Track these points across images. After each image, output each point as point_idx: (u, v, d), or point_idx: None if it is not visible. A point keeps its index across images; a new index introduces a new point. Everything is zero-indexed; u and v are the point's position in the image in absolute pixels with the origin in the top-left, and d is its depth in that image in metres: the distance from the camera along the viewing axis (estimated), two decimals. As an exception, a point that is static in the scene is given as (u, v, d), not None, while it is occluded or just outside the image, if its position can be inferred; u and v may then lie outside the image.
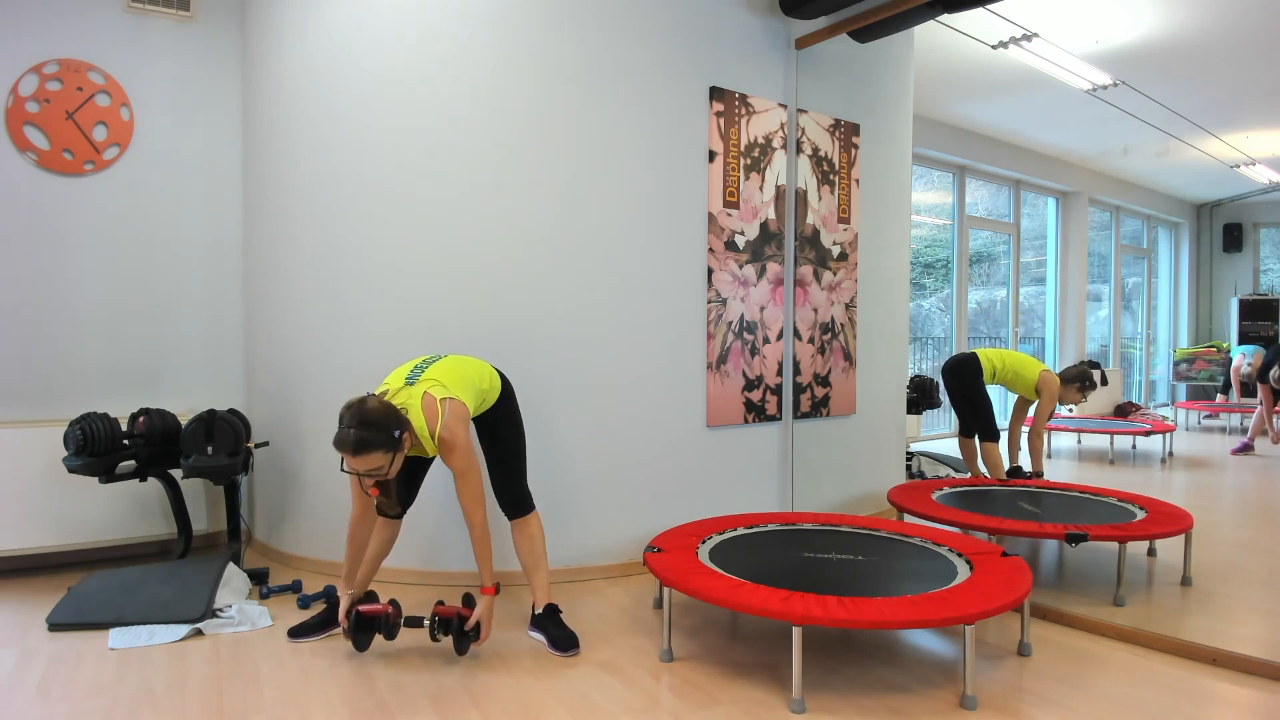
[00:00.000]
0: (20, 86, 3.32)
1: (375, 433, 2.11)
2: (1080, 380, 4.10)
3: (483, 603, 2.35)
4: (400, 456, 2.20)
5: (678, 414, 3.41)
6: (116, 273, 3.52)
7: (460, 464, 2.28)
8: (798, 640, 2.07)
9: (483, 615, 2.34)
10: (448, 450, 2.26)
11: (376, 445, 2.11)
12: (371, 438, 2.10)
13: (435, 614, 2.37)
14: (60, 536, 3.23)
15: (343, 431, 2.12)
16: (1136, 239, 4.98)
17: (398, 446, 2.16)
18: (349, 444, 2.09)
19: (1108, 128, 4.53)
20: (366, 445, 2.09)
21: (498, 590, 2.39)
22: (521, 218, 3.13)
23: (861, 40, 3.77)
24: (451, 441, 2.25)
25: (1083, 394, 4.10)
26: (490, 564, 2.37)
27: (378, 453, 2.11)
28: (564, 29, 3.14)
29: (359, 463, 2.11)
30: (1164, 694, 2.18)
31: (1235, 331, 4.39)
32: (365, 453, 2.10)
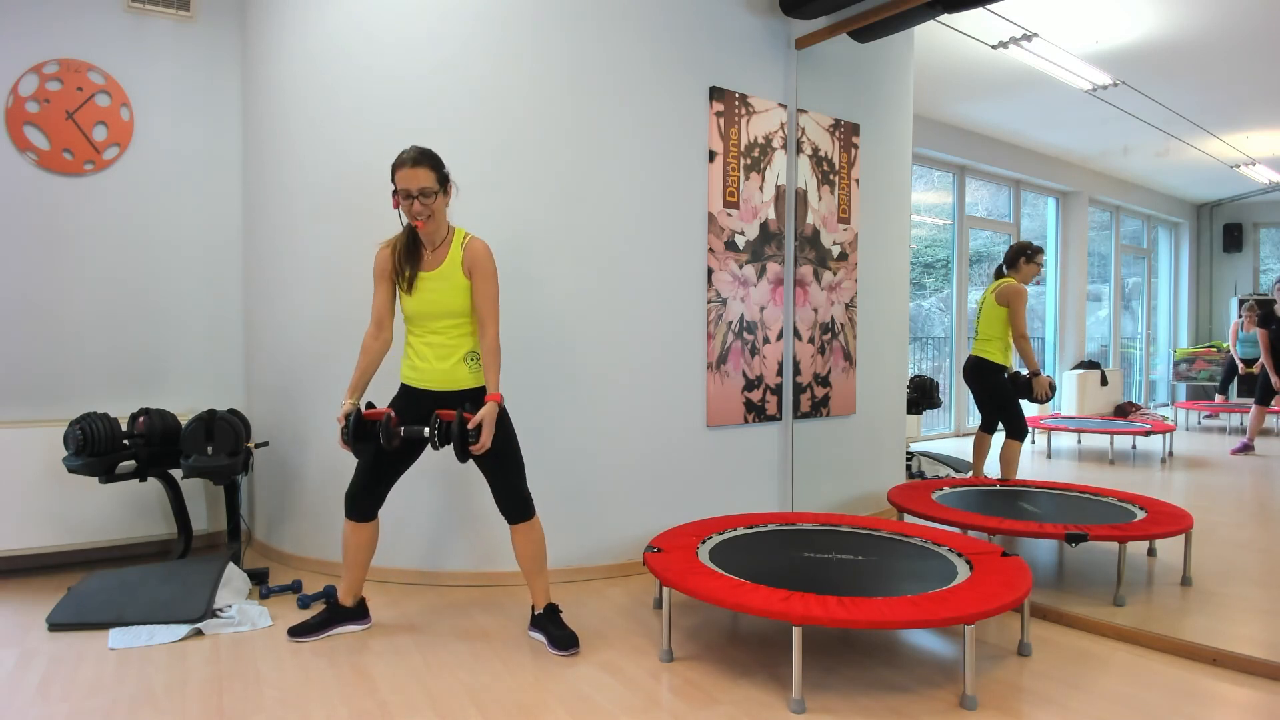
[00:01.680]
0: (20, 86, 3.32)
1: (430, 158, 2.39)
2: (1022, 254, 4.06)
3: (487, 406, 2.36)
4: (443, 202, 2.42)
5: (678, 414, 3.41)
6: (116, 273, 3.52)
7: (487, 266, 2.44)
8: (798, 640, 2.07)
9: (486, 417, 2.34)
10: (475, 255, 2.43)
11: (430, 165, 2.37)
12: (426, 159, 2.37)
13: (437, 416, 2.35)
14: (60, 536, 3.23)
15: (402, 153, 2.38)
16: (1136, 239, 4.99)
17: (444, 185, 2.42)
18: (408, 158, 2.35)
19: (1108, 128, 4.53)
20: (421, 161, 2.35)
21: (502, 399, 2.43)
22: (521, 217, 3.13)
23: (861, 40, 3.77)
24: (480, 247, 2.45)
25: (1034, 264, 4.06)
26: (498, 374, 2.44)
27: (431, 173, 2.36)
28: (564, 28, 3.14)
29: (414, 175, 2.34)
30: (1164, 694, 2.18)
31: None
32: (420, 166, 2.35)
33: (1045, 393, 3.99)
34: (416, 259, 2.46)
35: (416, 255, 2.46)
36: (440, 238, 2.47)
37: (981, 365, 4.13)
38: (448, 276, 2.44)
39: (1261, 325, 4.09)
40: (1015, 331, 3.99)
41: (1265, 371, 4.09)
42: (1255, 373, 4.16)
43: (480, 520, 3.13)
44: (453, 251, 2.45)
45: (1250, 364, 4.21)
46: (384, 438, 2.37)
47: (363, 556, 2.59)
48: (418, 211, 2.36)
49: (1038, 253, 4.07)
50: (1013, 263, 4.10)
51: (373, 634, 2.62)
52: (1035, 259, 4.06)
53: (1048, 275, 4.95)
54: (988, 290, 4.17)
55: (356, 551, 2.58)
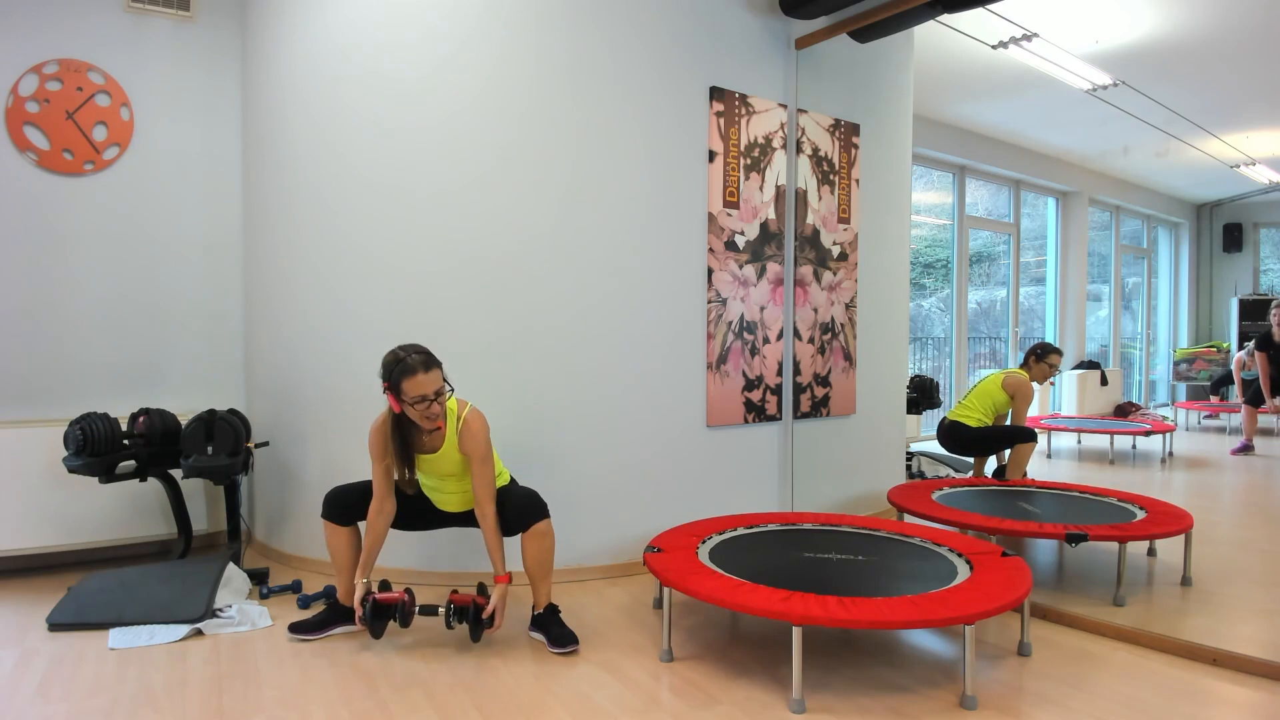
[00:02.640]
0: (20, 86, 3.32)
1: (434, 358, 2.34)
2: (1038, 354, 4.09)
3: (498, 590, 2.41)
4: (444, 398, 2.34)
5: (678, 414, 3.41)
6: (116, 273, 3.52)
7: (481, 448, 2.40)
8: (798, 640, 2.07)
9: (498, 603, 2.40)
10: (469, 435, 2.39)
11: (438, 366, 2.33)
12: (433, 360, 2.33)
13: (451, 602, 2.41)
14: (60, 536, 3.23)
15: (408, 359, 2.29)
16: (1136, 239, 4.98)
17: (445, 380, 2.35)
18: (420, 363, 2.28)
19: (1108, 128, 4.53)
20: (432, 364, 2.31)
21: (510, 580, 2.46)
22: (521, 217, 3.13)
23: (861, 40, 3.77)
24: (473, 425, 2.41)
25: (1045, 363, 4.09)
26: (502, 553, 2.44)
27: (438, 371, 2.32)
28: (564, 28, 3.14)
29: (428, 380, 2.28)
30: (1164, 694, 2.18)
31: (1235, 331, 4.39)
32: (433, 368, 2.30)
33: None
34: (410, 449, 2.44)
35: (409, 445, 2.43)
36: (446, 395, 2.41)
37: (959, 429, 4.16)
38: (447, 456, 2.47)
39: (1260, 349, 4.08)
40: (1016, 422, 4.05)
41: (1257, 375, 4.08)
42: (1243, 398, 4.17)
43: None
44: (449, 434, 2.43)
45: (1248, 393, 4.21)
46: (400, 620, 2.43)
47: (349, 557, 2.58)
48: (435, 413, 2.33)
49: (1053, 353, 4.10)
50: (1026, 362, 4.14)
51: (373, 634, 2.62)
52: (1048, 359, 4.10)
53: (1048, 275, 4.95)
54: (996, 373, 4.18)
55: (342, 553, 2.58)
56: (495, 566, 2.43)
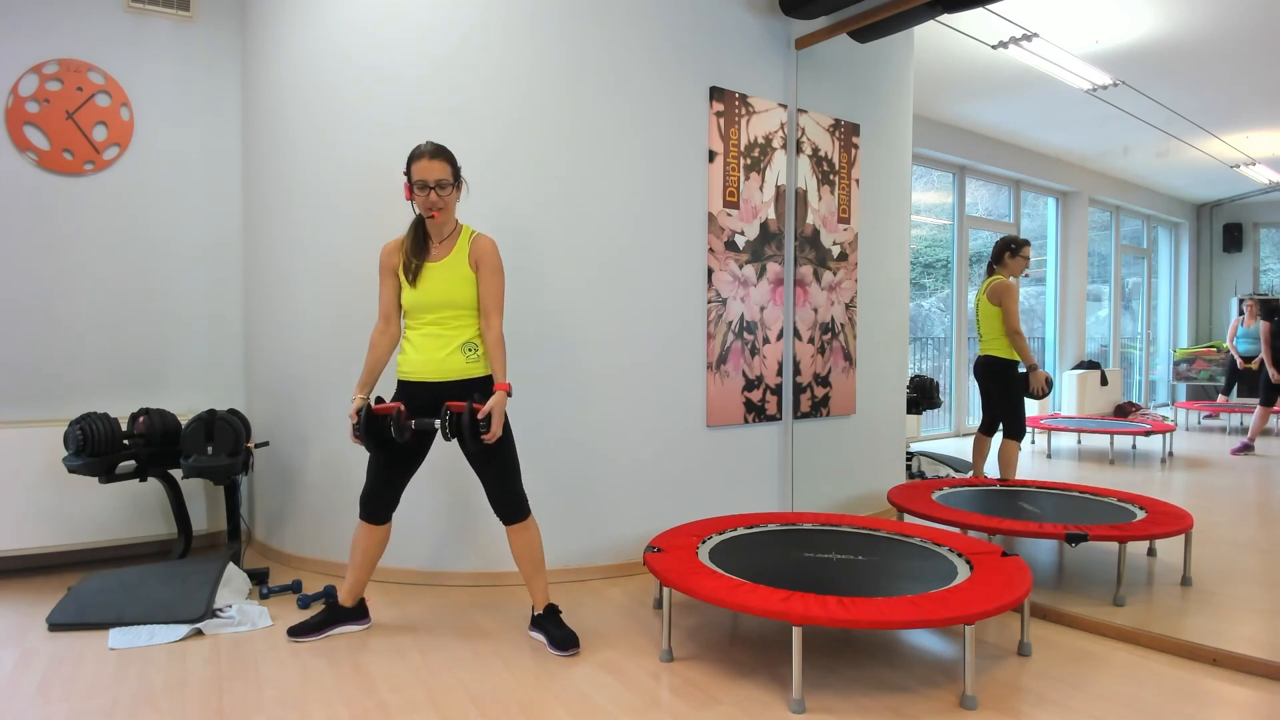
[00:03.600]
0: (20, 86, 3.32)
1: (447, 152, 2.46)
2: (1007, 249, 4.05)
3: (496, 396, 2.41)
4: (456, 195, 2.49)
5: (678, 414, 3.41)
6: (117, 273, 3.52)
7: (493, 260, 2.49)
8: (798, 640, 2.07)
9: (495, 406, 2.38)
10: (482, 250, 2.48)
11: (446, 159, 2.45)
12: (443, 153, 2.45)
13: (447, 408, 2.39)
14: (60, 536, 3.23)
15: (422, 145, 2.45)
16: (1136, 239, 4.98)
17: (458, 178, 2.49)
18: (427, 151, 2.43)
19: (1108, 128, 4.53)
20: (440, 154, 2.43)
21: (510, 391, 2.46)
22: (521, 217, 3.13)
23: (861, 40, 3.77)
24: (488, 241, 2.50)
25: (1020, 257, 4.06)
26: (504, 365, 2.47)
27: (447, 165, 2.44)
28: (564, 29, 3.14)
29: (431, 166, 2.41)
30: (1164, 694, 2.18)
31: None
32: (439, 159, 2.42)
33: (1042, 388, 4.00)
34: (424, 251, 2.51)
35: (424, 247, 2.51)
36: (448, 231, 2.52)
37: (991, 363, 4.11)
38: (453, 267, 2.48)
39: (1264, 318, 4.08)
40: (1008, 328, 3.99)
41: (1267, 371, 4.09)
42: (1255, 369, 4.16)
43: (480, 521, 3.13)
44: (460, 244, 2.50)
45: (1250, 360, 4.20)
46: (395, 431, 2.40)
47: (371, 558, 2.59)
48: (433, 202, 2.43)
49: (1023, 245, 4.06)
50: (999, 258, 4.10)
51: (373, 634, 2.62)
52: (1021, 252, 4.06)
53: (1048, 275, 4.95)
54: (980, 290, 4.18)
55: (366, 553, 2.58)
56: (496, 376, 2.46)
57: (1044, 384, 4.00)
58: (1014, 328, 3.99)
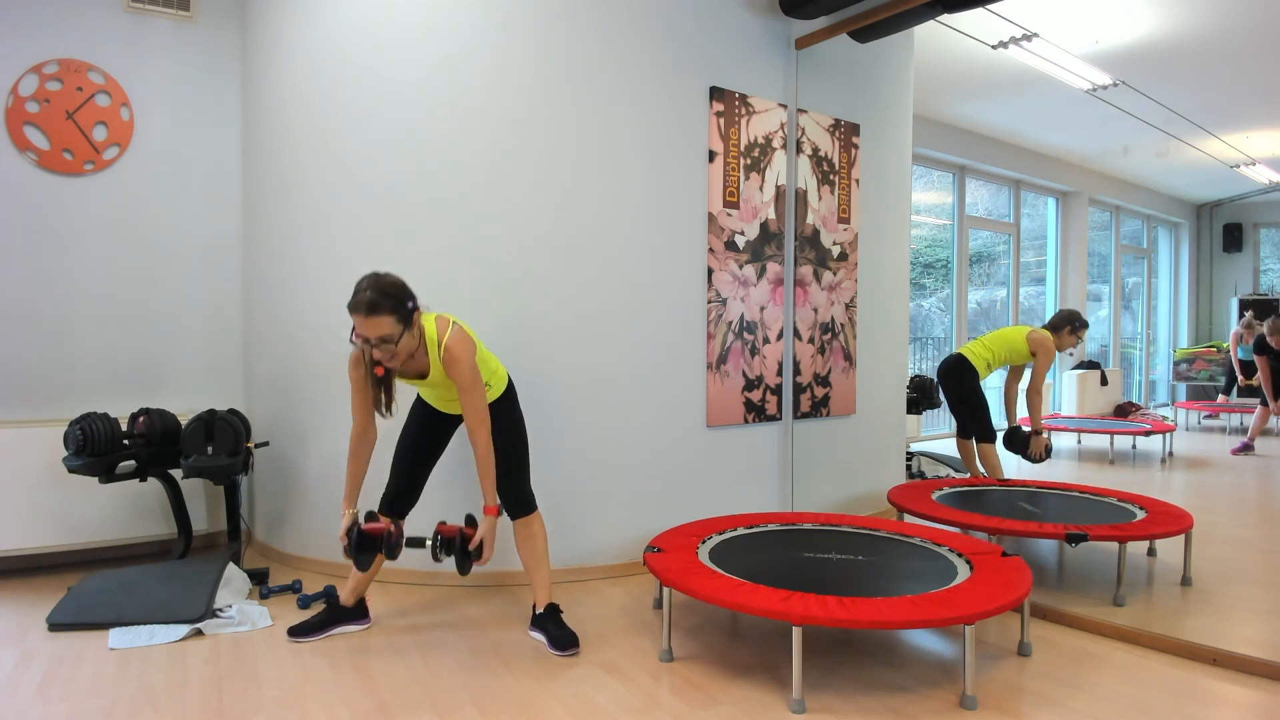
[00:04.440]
0: (20, 86, 3.32)
1: (389, 298, 2.15)
2: (1070, 323, 4.05)
3: (485, 522, 2.33)
4: (409, 338, 2.22)
5: (678, 414, 3.41)
6: (116, 273, 3.52)
7: (466, 377, 2.28)
8: (798, 640, 2.07)
9: (485, 534, 2.32)
10: (453, 361, 2.28)
11: (389, 309, 2.15)
12: (385, 301, 2.14)
13: (438, 533, 2.34)
14: (60, 536, 3.23)
15: (358, 294, 2.16)
16: (1136, 239, 4.98)
17: (409, 321, 2.20)
18: (363, 304, 2.13)
19: (1108, 128, 4.53)
20: (379, 307, 2.13)
21: (500, 512, 2.39)
22: (521, 217, 3.13)
23: (861, 40, 3.77)
24: (456, 352, 2.27)
25: (1076, 335, 4.06)
26: (493, 484, 2.37)
27: (390, 318, 2.15)
28: (564, 29, 3.14)
29: (370, 325, 2.14)
30: (1164, 694, 2.18)
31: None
32: (378, 314, 2.13)
33: (1040, 454, 4.00)
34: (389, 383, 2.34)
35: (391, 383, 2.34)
36: (413, 352, 2.30)
37: (962, 364, 4.13)
38: (439, 383, 2.39)
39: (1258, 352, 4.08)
40: (1033, 384, 4.01)
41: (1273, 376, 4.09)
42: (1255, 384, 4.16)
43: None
44: (433, 360, 2.34)
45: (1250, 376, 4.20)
46: (387, 552, 2.35)
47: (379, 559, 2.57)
48: (381, 358, 2.21)
49: (1084, 327, 4.07)
50: (1058, 325, 4.07)
51: (373, 634, 2.62)
52: (1080, 332, 4.06)
53: (1048, 275, 4.95)
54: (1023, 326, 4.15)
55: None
56: (485, 497, 2.35)
57: (1042, 450, 3.99)
58: (1037, 386, 3.99)
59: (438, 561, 2.36)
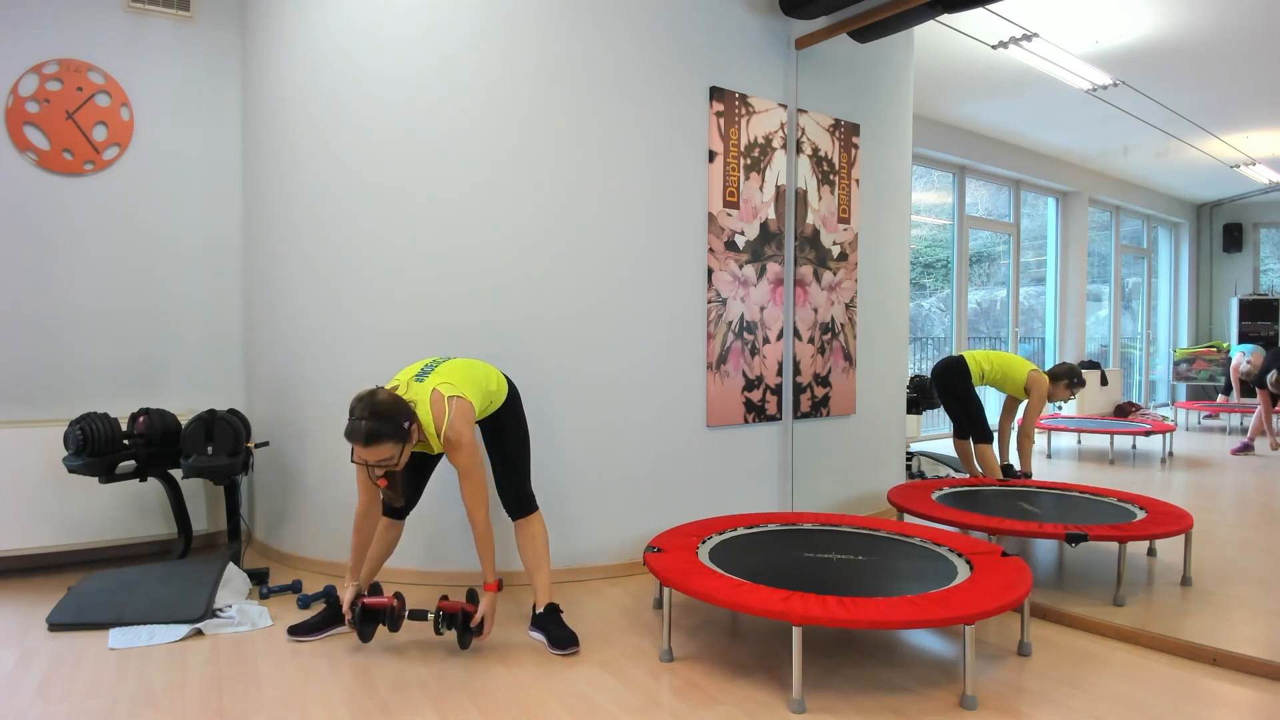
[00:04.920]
0: (20, 86, 3.32)
1: (385, 424, 2.17)
2: (1068, 377, 4.09)
3: (486, 599, 2.40)
4: (409, 448, 2.26)
5: (678, 414, 3.41)
6: (116, 273, 3.52)
7: (465, 462, 2.31)
8: (798, 640, 2.07)
9: (486, 611, 2.39)
10: (453, 449, 2.31)
11: (386, 436, 2.17)
12: (382, 429, 2.16)
13: (440, 609, 2.41)
14: (60, 536, 3.23)
15: (354, 423, 2.17)
16: (1136, 239, 4.98)
17: (406, 438, 2.22)
18: (360, 435, 2.15)
19: (1108, 128, 4.52)
20: (377, 436, 2.15)
21: (500, 587, 2.45)
22: (521, 217, 3.13)
23: (861, 40, 3.77)
24: (457, 440, 2.29)
25: (1071, 391, 4.10)
26: (493, 561, 2.42)
27: (388, 444, 2.18)
28: (564, 29, 3.14)
29: (370, 453, 2.17)
30: (1164, 694, 2.18)
31: (1235, 331, 4.39)
32: (376, 444, 2.16)
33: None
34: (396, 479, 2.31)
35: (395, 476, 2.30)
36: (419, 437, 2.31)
37: (959, 366, 4.15)
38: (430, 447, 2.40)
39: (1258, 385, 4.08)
40: (1024, 427, 4.07)
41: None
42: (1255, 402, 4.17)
43: (480, 520, 3.13)
44: (432, 441, 2.33)
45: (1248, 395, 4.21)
46: (390, 625, 2.41)
47: (379, 555, 2.58)
48: (376, 476, 2.23)
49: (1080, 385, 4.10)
50: (1057, 376, 4.10)
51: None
52: (1074, 389, 4.10)
53: (1048, 275, 4.95)
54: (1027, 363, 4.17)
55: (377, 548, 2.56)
56: (485, 574, 2.41)
57: None
58: (1028, 431, 4.06)
59: (439, 635, 2.46)
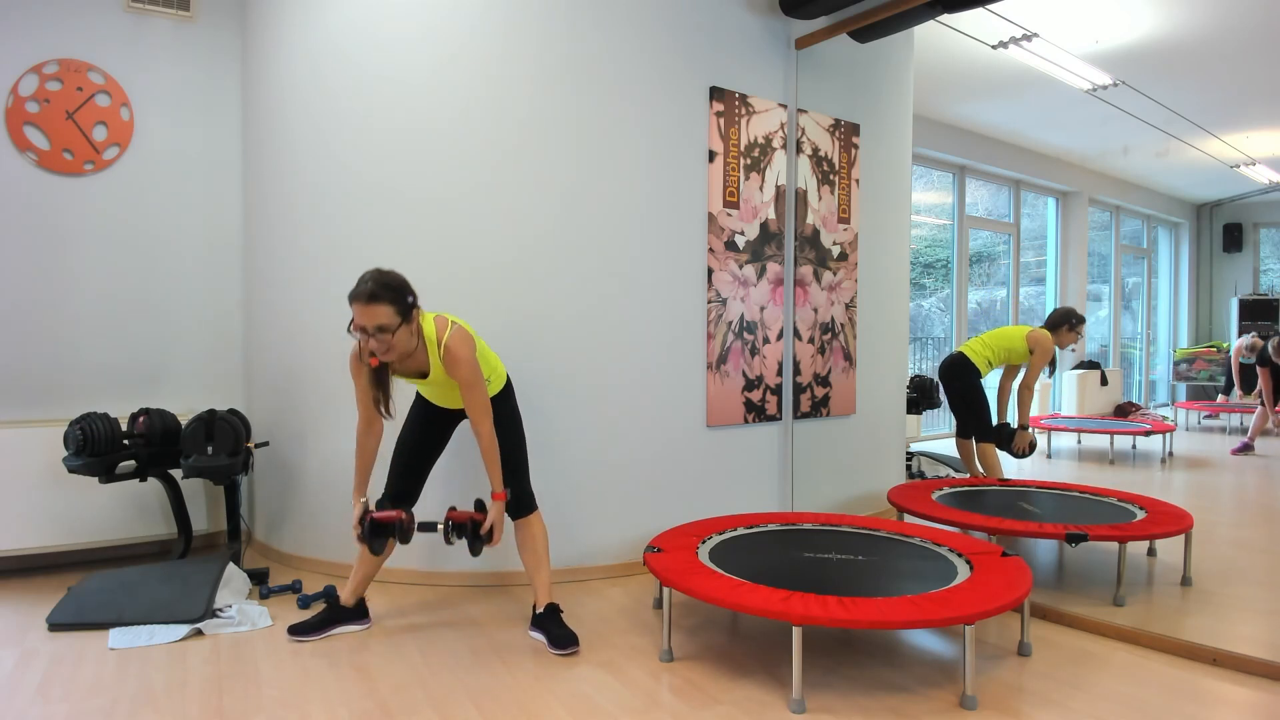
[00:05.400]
0: (20, 86, 3.32)
1: (390, 290, 2.20)
2: (1066, 321, 4.07)
3: (494, 507, 2.40)
4: (408, 333, 2.24)
5: (678, 414, 3.41)
6: (116, 273, 3.52)
7: (466, 375, 2.32)
8: (798, 640, 2.07)
9: (495, 519, 2.38)
10: (453, 361, 2.31)
11: (388, 299, 2.18)
12: (385, 291, 2.18)
13: (449, 519, 2.42)
14: (60, 536, 3.23)
15: (360, 284, 2.20)
16: (1136, 239, 4.98)
17: (408, 315, 2.23)
18: (364, 292, 2.17)
19: (1108, 128, 4.53)
20: (378, 297, 2.17)
21: (508, 496, 2.46)
22: (521, 218, 3.13)
23: (861, 40, 3.77)
24: (456, 351, 2.31)
25: (1074, 333, 4.08)
26: (499, 472, 2.42)
27: (388, 308, 2.18)
28: (564, 29, 3.14)
29: (369, 314, 2.17)
30: (1164, 694, 2.18)
31: (1235, 331, 4.40)
32: (377, 303, 2.17)
33: (1024, 449, 4.02)
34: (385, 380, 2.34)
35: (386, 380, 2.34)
36: (410, 350, 2.31)
37: (964, 363, 4.14)
38: (440, 382, 2.41)
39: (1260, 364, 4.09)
40: (1025, 380, 4.02)
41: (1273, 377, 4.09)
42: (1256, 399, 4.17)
43: (480, 520, 3.13)
44: (432, 359, 2.35)
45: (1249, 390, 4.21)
46: (400, 537, 2.43)
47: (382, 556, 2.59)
48: (376, 349, 2.22)
49: (1081, 323, 4.08)
50: (1056, 324, 4.09)
51: (373, 634, 2.62)
52: (1078, 328, 4.08)
53: (1048, 275, 4.95)
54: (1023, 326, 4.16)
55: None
56: (493, 484, 2.41)
57: (1026, 446, 4.01)
58: (1031, 383, 4.01)
59: (449, 545, 2.44)
